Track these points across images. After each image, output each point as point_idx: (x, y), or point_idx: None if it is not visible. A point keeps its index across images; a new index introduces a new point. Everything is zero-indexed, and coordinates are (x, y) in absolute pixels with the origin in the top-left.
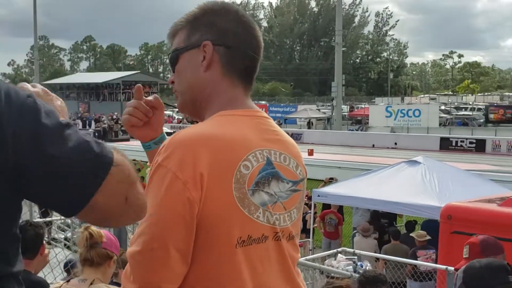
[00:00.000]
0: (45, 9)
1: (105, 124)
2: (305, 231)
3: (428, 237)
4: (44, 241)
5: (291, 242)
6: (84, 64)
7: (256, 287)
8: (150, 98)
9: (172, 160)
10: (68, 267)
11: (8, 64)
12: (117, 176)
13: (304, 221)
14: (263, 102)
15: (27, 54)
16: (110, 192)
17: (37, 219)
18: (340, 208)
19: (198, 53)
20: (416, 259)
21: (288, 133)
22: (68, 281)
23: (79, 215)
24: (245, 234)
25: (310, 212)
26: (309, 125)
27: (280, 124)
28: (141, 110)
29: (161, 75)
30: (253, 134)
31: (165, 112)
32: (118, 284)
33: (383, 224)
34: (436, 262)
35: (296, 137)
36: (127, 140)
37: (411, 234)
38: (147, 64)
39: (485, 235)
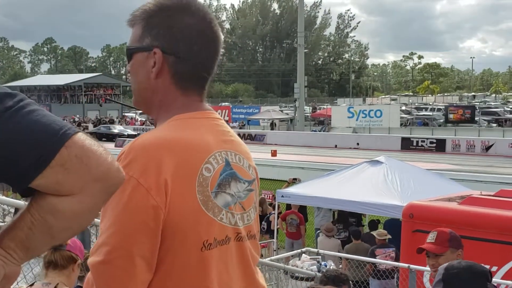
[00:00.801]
0: (5, 11)
1: None
2: (269, 231)
3: (389, 236)
4: None
5: (251, 241)
6: (45, 66)
7: None
8: None
9: (134, 166)
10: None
11: None
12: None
13: (268, 222)
14: (226, 103)
15: None
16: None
17: None
18: (304, 208)
19: (149, 57)
20: (375, 258)
21: (251, 134)
22: (31, 285)
23: (36, 180)
24: (211, 237)
25: (274, 213)
26: (272, 126)
27: (243, 125)
28: None
29: (124, 77)
30: (211, 136)
31: (128, 114)
32: None
33: (352, 223)
34: (397, 261)
35: (260, 138)
36: None
37: (372, 233)
38: (109, 66)
39: None
